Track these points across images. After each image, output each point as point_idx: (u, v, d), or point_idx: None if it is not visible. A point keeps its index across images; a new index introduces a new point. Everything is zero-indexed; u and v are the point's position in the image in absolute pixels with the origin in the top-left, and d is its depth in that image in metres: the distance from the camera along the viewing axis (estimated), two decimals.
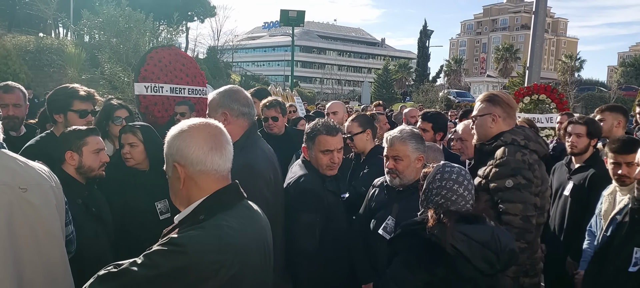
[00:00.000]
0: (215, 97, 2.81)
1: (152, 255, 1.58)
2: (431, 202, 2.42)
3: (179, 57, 6.71)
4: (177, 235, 1.63)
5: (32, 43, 21.93)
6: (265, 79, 49.66)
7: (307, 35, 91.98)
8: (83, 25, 18.06)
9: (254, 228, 1.81)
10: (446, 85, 57.10)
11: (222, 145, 1.78)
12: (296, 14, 25.01)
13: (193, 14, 41.78)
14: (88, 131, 3.00)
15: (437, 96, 38.68)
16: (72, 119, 3.35)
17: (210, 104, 2.81)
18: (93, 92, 3.62)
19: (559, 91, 9.24)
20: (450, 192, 2.40)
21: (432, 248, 2.24)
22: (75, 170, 2.91)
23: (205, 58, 36.61)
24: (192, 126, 1.78)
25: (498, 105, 3.08)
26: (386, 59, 65.33)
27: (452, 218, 2.27)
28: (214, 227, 1.65)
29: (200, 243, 1.59)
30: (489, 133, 3.08)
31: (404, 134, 3.02)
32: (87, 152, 2.92)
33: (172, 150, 1.76)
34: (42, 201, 2.09)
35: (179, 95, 6.28)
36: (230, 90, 2.85)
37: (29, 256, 2.02)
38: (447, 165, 2.50)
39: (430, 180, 2.46)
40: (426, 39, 66.34)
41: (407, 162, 2.98)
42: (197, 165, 1.72)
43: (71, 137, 2.93)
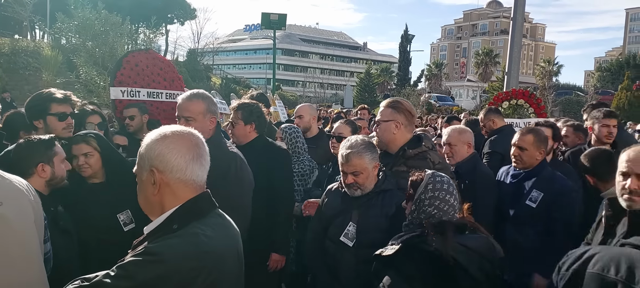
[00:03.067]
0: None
1: (127, 265, 1.55)
2: (424, 213, 2.39)
3: (156, 60, 6.58)
4: (153, 244, 1.60)
5: (7, 45, 21.50)
6: (246, 82, 49.48)
7: (289, 38, 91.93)
8: (58, 29, 17.72)
9: (228, 235, 1.80)
10: (427, 89, 57.58)
11: (202, 155, 1.77)
12: (278, 17, 24.92)
13: (173, 16, 41.44)
14: (53, 139, 2.81)
15: (419, 100, 38.92)
16: (52, 123, 3.27)
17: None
18: (70, 94, 3.53)
19: (536, 96, 9.35)
20: (443, 202, 2.38)
21: (433, 261, 2.21)
22: (46, 182, 2.71)
23: (185, 61, 36.34)
24: (175, 133, 1.75)
25: (401, 113, 3.24)
26: (368, 62, 65.58)
27: (451, 229, 2.26)
28: (190, 235, 1.63)
29: (178, 251, 1.57)
30: (391, 138, 3.23)
31: (359, 148, 2.91)
32: (57, 161, 2.75)
33: (152, 154, 1.71)
34: (19, 216, 1.96)
35: (156, 100, 6.16)
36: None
37: (3, 272, 1.89)
38: (437, 174, 2.48)
39: (421, 190, 2.42)
40: (407, 44, 66.70)
41: (367, 174, 2.91)
42: (177, 173, 1.69)
43: (41, 148, 2.71)
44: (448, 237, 2.22)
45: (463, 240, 2.28)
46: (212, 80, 38.54)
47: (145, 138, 1.76)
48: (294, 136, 4.32)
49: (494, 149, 5.20)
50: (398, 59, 68.71)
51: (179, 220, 1.67)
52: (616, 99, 26.72)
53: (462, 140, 3.98)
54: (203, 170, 1.77)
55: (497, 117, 5.69)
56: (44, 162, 2.70)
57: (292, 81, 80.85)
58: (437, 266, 2.21)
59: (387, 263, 2.33)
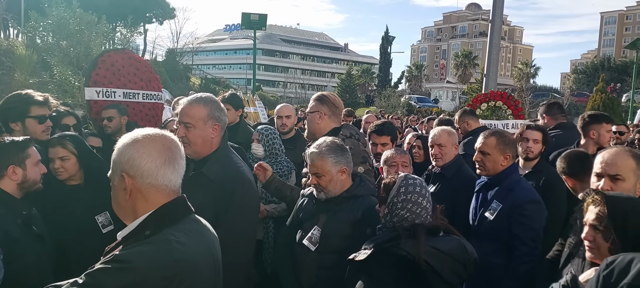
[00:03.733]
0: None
1: (96, 273, 1.50)
2: (396, 216, 2.37)
3: (132, 60, 6.48)
4: (123, 252, 1.56)
5: None
6: (226, 82, 49.12)
7: (270, 38, 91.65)
8: (32, 27, 17.33)
9: (203, 242, 1.75)
10: (408, 90, 58.04)
11: (175, 159, 1.72)
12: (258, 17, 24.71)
13: (151, 15, 40.99)
14: (28, 141, 2.75)
15: (399, 101, 39.20)
16: (31, 126, 3.20)
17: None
18: (48, 96, 3.48)
19: (514, 98, 9.47)
20: (415, 205, 2.36)
21: (406, 265, 2.20)
22: (18, 185, 2.64)
23: (164, 61, 35.95)
24: (147, 136, 1.70)
25: (325, 104, 3.52)
26: (349, 63, 65.80)
27: (423, 233, 2.25)
28: (162, 242, 1.58)
29: (148, 259, 1.53)
30: (317, 128, 3.49)
31: (322, 149, 2.88)
32: (30, 164, 2.68)
33: (123, 158, 1.67)
34: None
35: (132, 100, 6.05)
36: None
37: None
38: (409, 177, 2.47)
39: (394, 193, 2.40)
40: (388, 45, 67.19)
41: (329, 177, 2.85)
42: (148, 178, 1.65)
43: (12, 150, 2.64)
44: (420, 241, 2.21)
45: (435, 243, 2.26)
46: (192, 80, 38.18)
47: (118, 142, 1.71)
48: (271, 137, 4.27)
49: (467, 152, 5.18)
50: (379, 60, 69.18)
51: (152, 226, 1.63)
52: (591, 100, 27.27)
53: (451, 141, 3.97)
54: (176, 175, 1.72)
55: (472, 119, 5.64)
56: (16, 165, 2.64)
57: (272, 82, 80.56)
58: (409, 270, 2.20)
59: (360, 268, 2.31)
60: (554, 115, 5.26)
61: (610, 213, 1.90)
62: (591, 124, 4.37)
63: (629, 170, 2.38)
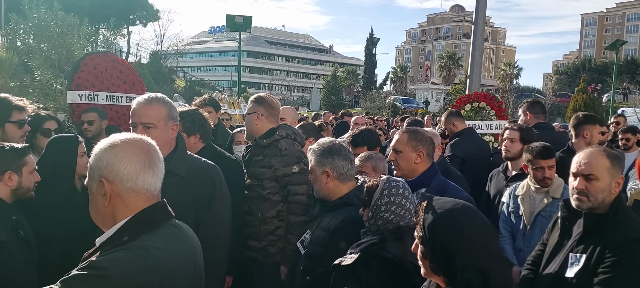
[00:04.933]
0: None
1: (71, 280, 1.48)
2: (381, 219, 2.35)
3: (115, 63, 6.42)
4: (99, 258, 1.53)
5: None
6: (211, 85, 48.87)
7: (255, 40, 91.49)
8: (12, 30, 17.08)
9: (183, 248, 1.72)
10: (393, 91, 58.29)
11: (154, 163, 1.70)
12: (243, 19, 24.67)
13: (135, 17, 40.62)
14: (26, 149, 2.77)
15: (384, 103, 39.37)
16: (10, 131, 3.19)
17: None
18: (25, 101, 3.48)
19: (498, 98, 9.57)
20: (399, 207, 2.34)
21: (394, 268, 2.18)
22: (12, 191, 2.66)
23: (147, 63, 35.63)
24: (125, 140, 1.68)
25: (262, 106, 3.59)
26: (335, 65, 66.06)
27: (410, 235, 2.16)
28: (139, 248, 1.56)
29: (125, 265, 1.50)
30: (254, 129, 3.59)
31: (315, 147, 2.88)
32: (26, 172, 2.70)
33: (100, 164, 1.64)
34: None
35: (116, 104, 5.99)
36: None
37: None
38: (392, 179, 2.45)
39: (377, 196, 2.38)
40: (373, 47, 67.50)
41: (314, 176, 2.84)
42: (127, 183, 1.62)
43: (10, 156, 2.66)
44: (406, 243, 2.16)
45: None
46: (176, 82, 37.90)
47: (95, 148, 1.69)
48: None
49: (454, 153, 5.24)
50: (364, 61, 69.43)
51: (130, 232, 1.60)
52: (573, 100, 27.73)
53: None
54: (156, 179, 1.70)
55: (458, 120, 5.70)
56: (13, 171, 2.66)
57: (258, 83, 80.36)
58: (397, 273, 2.18)
59: (347, 273, 2.28)
60: (536, 113, 5.33)
61: (420, 223, 1.66)
62: (585, 124, 4.44)
63: (603, 170, 2.42)
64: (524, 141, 4.18)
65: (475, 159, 5.12)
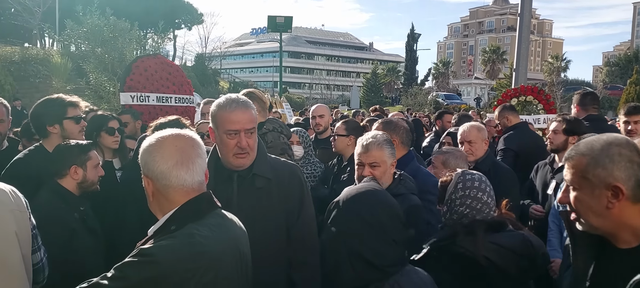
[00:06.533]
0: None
1: (123, 267, 1.57)
2: (456, 213, 2.32)
3: (165, 65, 6.68)
4: (148, 246, 1.62)
5: (17, 54, 21.81)
6: (254, 85, 49.59)
7: (295, 40, 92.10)
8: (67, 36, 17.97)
9: (227, 236, 1.77)
10: (434, 88, 57.46)
11: (190, 159, 1.72)
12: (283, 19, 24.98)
13: (180, 21, 41.72)
14: (90, 145, 3.00)
15: (426, 99, 38.87)
16: (68, 127, 3.29)
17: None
18: (76, 97, 3.59)
19: (545, 92, 9.31)
20: (474, 200, 2.30)
21: (465, 263, 2.15)
22: (77, 184, 2.88)
23: (193, 65, 36.51)
24: (160, 139, 1.74)
25: (255, 101, 3.60)
26: (374, 63, 65.65)
27: (482, 229, 2.18)
28: (185, 235, 1.63)
29: (171, 252, 1.58)
30: None
31: (380, 140, 2.86)
32: (90, 166, 2.92)
33: (142, 162, 1.74)
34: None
35: (165, 104, 6.23)
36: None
37: None
38: (467, 172, 2.41)
39: (451, 190, 2.35)
40: (414, 43, 66.66)
41: (384, 168, 2.82)
42: (163, 180, 1.69)
43: (76, 152, 2.90)
44: (478, 237, 2.14)
45: (496, 239, 2.19)
46: (220, 84, 38.68)
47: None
48: (308, 139, 4.42)
49: (508, 146, 5.17)
50: (405, 58, 68.70)
51: (177, 221, 1.68)
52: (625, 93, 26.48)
53: (481, 137, 3.99)
54: (191, 174, 1.72)
55: (512, 114, 5.65)
56: (78, 165, 2.87)
57: (298, 83, 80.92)
58: (468, 268, 2.14)
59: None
60: (585, 106, 5.18)
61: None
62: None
63: None
64: (567, 133, 4.10)
65: (529, 153, 5.01)
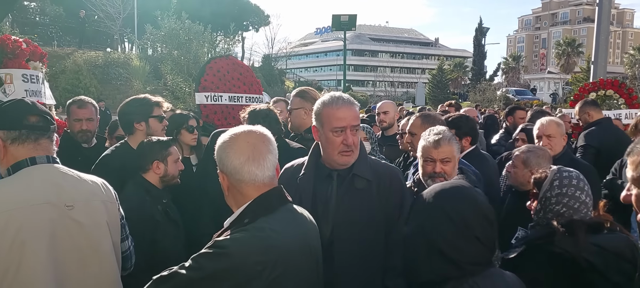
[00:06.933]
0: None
1: (199, 257, 1.65)
2: (551, 212, 2.23)
3: (236, 66, 6.94)
4: (222, 238, 1.69)
5: (101, 58, 23.29)
6: (318, 84, 50.04)
7: (359, 38, 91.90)
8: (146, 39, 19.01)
9: (298, 230, 1.81)
10: (504, 83, 55.34)
11: (261, 154, 1.77)
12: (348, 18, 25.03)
13: (248, 23, 42.76)
14: (170, 142, 3.20)
15: (495, 95, 37.54)
16: (153, 125, 3.51)
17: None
18: (159, 97, 3.84)
19: (627, 86, 8.77)
20: (572, 199, 2.21)
21: (561, 264, 2.07)
22: (160, 178, 3.09)
23: (260, 66, 37.39)
24: (233, 135, 1.81)
25: (308, 101, 3.72)
26: (440, 58, 64.09)
27: (582, 229, 2.09)
28: (256, 229, 1.69)
29: (243, 245, 1.64)
30: (302, 123, 3.76)
31: (448, 135, 2.82)
32: (171, 161, 3.12)
33: (217, 158, 1.82)
34: (90, 218, 2.07)
35: (237, 104, 6.49)
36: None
37: (74, 275, 2.01)
38: (564, 169, 2.31)
39: (546, 187, 2.26)
40: (482, 37, 64.56)
41: (454, 163, 2.78)
42: (236, 175, 1.76)
43: (157, 148, 3.11)
44: (579, 237, 2.05)
45: (597, 240, 2.08)
46: (286, 83, 39.34)
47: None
48: (374, 136, 4.44)
49: (589, 143, 4.98)
50: (472, 53, 66.73)
51: (250, 215, 1.74)
52: None
53: (560, 132, 3.88)
54: (262, 169, 1.77)
55: (593, 110, 5.41)
56: (159, 160, 3.09)
57: (362, 81, 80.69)
58: (566, 269, 2.06)
59: (507, 268, 2.12)
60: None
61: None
62: None
63: None
64: None
65: (611, 151, 4.77)
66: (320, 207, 2.37)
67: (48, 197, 1.96)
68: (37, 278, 1.88)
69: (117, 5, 26.67)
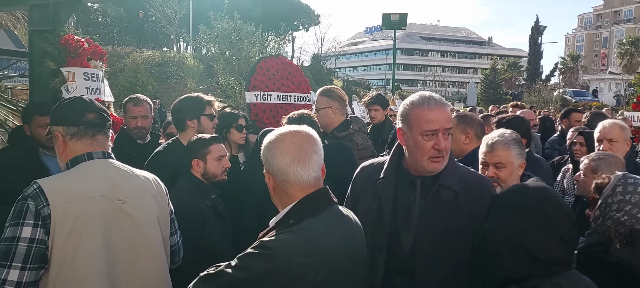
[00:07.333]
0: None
1: (245, 257, 1.65)
2: (610, 219, 2.12)
3: (285, 65, 7.00)
4: (268, 239, 1.68)
5: (157, 57, 24.06)
6: (366, 84, 49.79)
7: (409, 37, 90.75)
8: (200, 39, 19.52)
9: (343, 232, 1.79)
10: (561, 83, 53.11)
11: (306, 155, 1.76)
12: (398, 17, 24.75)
13: (299, 23, 43.01)
14: (211, 140, 3.22)
15: (551, 96, 36.05)
16: (204, 123, 3.60)
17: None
18: (211, 96, 3.92)
19: None
20: (636, 207, 2.08)
21: (618, 274, 2.00)
22: (201, 175, 3.15)
23: (309, 65, 37.61)
24: (278, 135, 1.80)
25: (335, 100, 3.81)
26: (494, 58, 62.34)
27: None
28: (302, 231, 1.68)
29: (288, 246, 1.63)
30: (329, 122, 3.83)
31: (507, 139, 2.69)
32: (210, 159, 3.15)
33: (263, 158, 1.83)
34: (141, 212, 2.14)
35: (286, 103, 6.56)
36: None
37: (126, 267, 2.08)
38: (629, 176, 2.20)
39: (608, 193, 2.15)
40: (538, 36, 62.05)
41: (510, 170, 2.64)
42: (281, 175, 1.76)
43: (196, 146, 3.17)
44: (639, 248, 1.96)
45: None
46: (335, 82, 39.41)
47: None
48: None
49: None
50: (528, 52, 64.37)
51: (296, 216, 1.73)
52: None
53: (624, 136, 3.70)
54: (307, 170, 1.76)
55: None
56: (198, 158, 3.14)
57: (411, 80, 79.75)
58: (620, 279, 1.99)
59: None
60: None
61: None
62: None
63: None
64: None
65: None
66: (401, 214, 2.20)
67: (103, 191, 2.04)
68: (91, 268, 1.97)
69: (174, 6, 27.52)
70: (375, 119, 5.91)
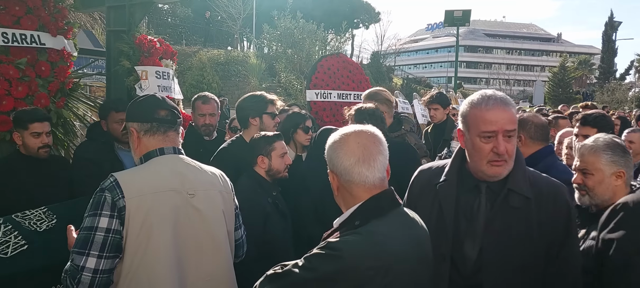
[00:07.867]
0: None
1: (312, 258, 1.65)
2: None
3: (346, 63, 7.03)
4: (335, 240, 1.67)
5: (222, 56, 24.80)
6: (427, 81, 48.89)
7: (473, 34, 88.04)
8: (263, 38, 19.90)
9: (409, 234, 1.76)
10: (638, 83, 49.66)
11: (371, 155, 1.74)
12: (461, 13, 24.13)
13: (359, 21, 42.88)
14: (275, 137, 3.31)
15: (626, 96, 33.84)
16: (266, 121, 3.68)
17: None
18: (273, 94, 3.99)
19: None
20: None
21: None
22: (265, 172, 3.23)
23: (369, 63, 37.42)
24: (343, 135, 1.79)
25: (384, 104, 3.73)
26: (563, 55, 59.25)
27: None
28: (368, 233, 1.66)
29: (356, 248, 1.61)
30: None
31: (598, 143, 2.43)
32: (275, 156, 3.23)
33: (327, 158, 1.81)
34: (208, 206, 2.19)
35: (345, 101, 6.58)
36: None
37: (193, 260, 2.13)
38: None
39: None
40: (613, 32, 58.31)
41: (599, 178, 2.39)
42: (346, 176, 1.74)
43: (261, 143, 3.24)
44: None
45: None
46: (394, 80, 38.98)
47: None
48: None
49: None
50: (600, 49, 60.71)
51: (361, 217, 1.71)
52: None
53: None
54: (372, 171, 1.73)
55: None
56: (263, 155, 3.22)
57: (474, 78, 77.37)
58: None
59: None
60: None
61: None
62: None
63: None
64: None
65: None
66: (464, 221, 2.06)
67: (173, 185, 2.12)
68: (161, 259, 2.05)
69: (238, 6, 28.26)
70: (436, 118, 5.81)
